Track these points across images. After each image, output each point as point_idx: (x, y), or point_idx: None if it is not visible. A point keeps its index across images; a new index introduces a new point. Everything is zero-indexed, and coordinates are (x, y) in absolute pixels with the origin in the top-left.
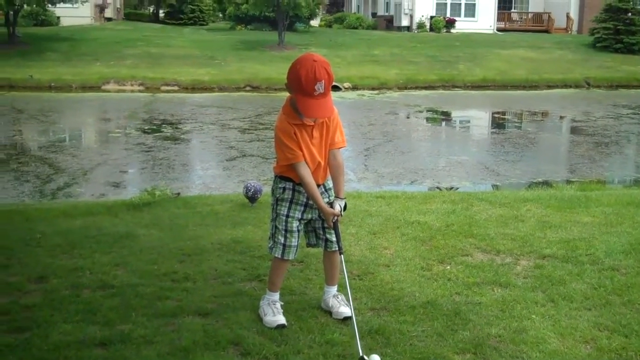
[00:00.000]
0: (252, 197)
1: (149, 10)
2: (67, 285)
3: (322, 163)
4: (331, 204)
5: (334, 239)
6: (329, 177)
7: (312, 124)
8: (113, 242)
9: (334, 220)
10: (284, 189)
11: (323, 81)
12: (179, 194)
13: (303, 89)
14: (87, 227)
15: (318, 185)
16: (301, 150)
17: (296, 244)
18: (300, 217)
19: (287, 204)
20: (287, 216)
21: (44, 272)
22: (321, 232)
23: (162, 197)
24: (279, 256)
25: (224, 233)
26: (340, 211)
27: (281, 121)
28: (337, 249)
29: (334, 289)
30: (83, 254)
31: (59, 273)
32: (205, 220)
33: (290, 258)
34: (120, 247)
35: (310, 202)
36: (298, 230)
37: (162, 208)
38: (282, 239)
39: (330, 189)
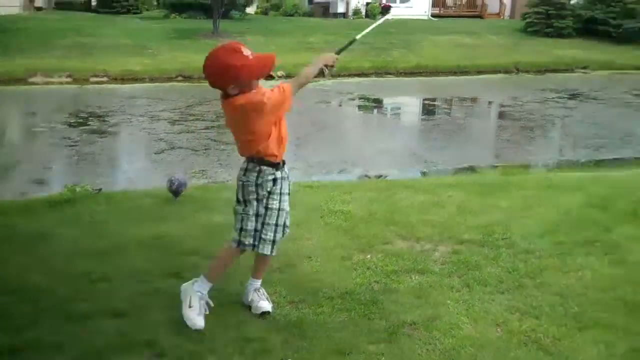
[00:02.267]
0: (175, 190)
1: None
2: None
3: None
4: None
5: (269, 237)
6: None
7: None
8: (27, 243)
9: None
10: (275, 180)
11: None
12: (100, 189)
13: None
14: (0, 228)
15: (281, 165)
16: None
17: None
18: (288, 208)
19: (279, 197)
20: (279, 209)
21: None
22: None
23: (83, 193)
24: (268, 253)
25: (145, 229)
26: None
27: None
28: (269, 252)
29: (257, 283)
30: None
31: None
32: (127, 216)
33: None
34: (35, 248)
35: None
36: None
37: (83, 205)
38: (271, 235)
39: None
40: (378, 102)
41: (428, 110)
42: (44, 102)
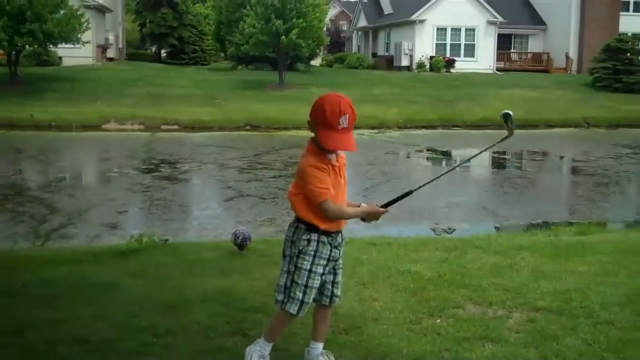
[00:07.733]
0: (240, 244)
1: (151, 50)
2: (44, 340)
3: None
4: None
5: (339, 293)
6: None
7: (337, 164)
8: (96, 293)
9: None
10: (309, 240)
11: (347, 115)
12: (167, 240)
13: (327, 121)
14: (70, 277)
15: (339, 232)
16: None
17: (311, 300)
18: (322, 271)
19: (311, 258)
20: (310, 271)
21: (22, 325)
22: (329, 287)
23: (150, 244)
24: (294, 312)
25: (210, 283)
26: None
27: (314, 160)
28: (294, 312)
29: (320, 346)
30: (63, 305)
31: (37, 326)
32: (192, 269)
33: (303, 315)
34: (103, 298)
35: (332, 254)
36: (317, 287)
37: (149, 256)
38: (300, 295)
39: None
40: (446, 154)
41: (498, 163)
42: (117, 148)
